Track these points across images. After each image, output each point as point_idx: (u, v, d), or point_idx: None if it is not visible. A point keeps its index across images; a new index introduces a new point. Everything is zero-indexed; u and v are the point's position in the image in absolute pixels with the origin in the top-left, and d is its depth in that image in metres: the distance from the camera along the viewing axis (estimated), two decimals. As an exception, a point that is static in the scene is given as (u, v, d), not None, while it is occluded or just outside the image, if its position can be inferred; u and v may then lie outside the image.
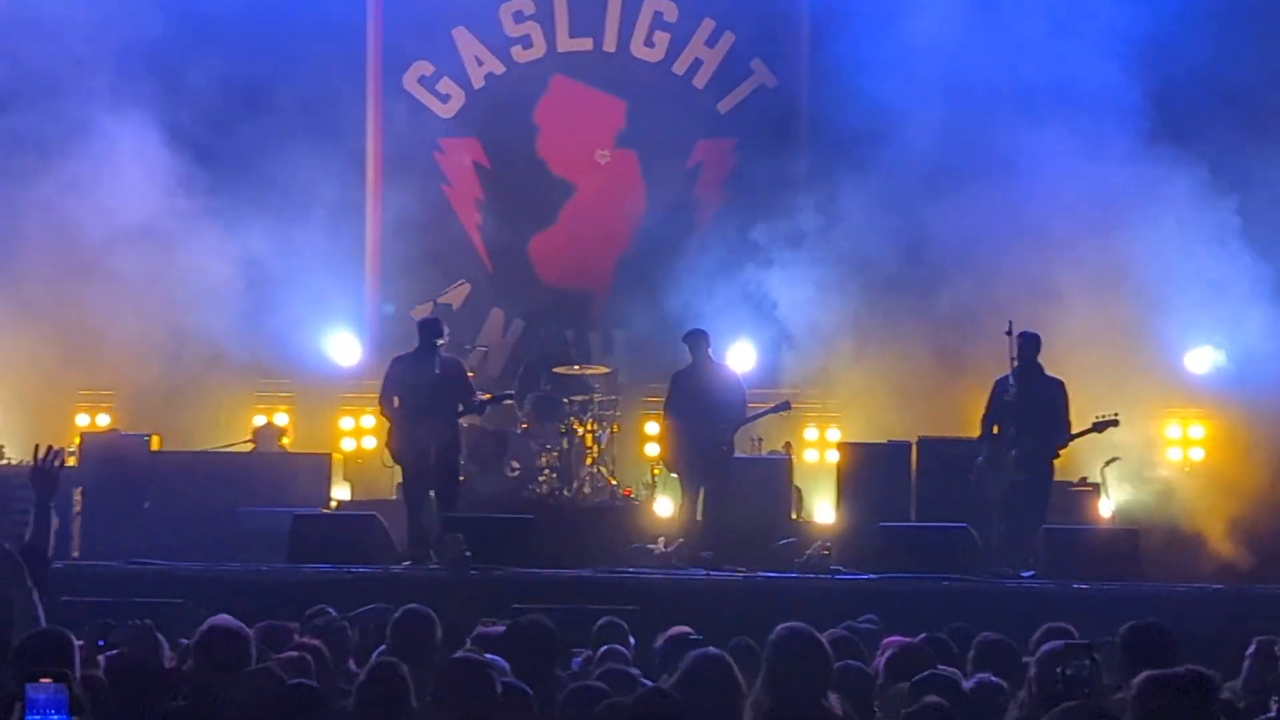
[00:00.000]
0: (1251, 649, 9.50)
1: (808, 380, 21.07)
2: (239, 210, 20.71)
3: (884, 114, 20.36)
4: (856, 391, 20.88)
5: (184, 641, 9.28)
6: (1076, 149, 20.02)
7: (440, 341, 17.55)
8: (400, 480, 18.15)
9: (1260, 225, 20.04)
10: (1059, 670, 7.57)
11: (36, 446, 8.94)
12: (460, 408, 17.58)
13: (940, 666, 8.64)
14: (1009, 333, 17.17)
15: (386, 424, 17.86)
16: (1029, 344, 17.25)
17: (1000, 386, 17.37)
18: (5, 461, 19.33)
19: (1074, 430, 17.25)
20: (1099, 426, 17.24)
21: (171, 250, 20.43)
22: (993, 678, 8.29)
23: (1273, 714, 7.74)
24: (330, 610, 11.48)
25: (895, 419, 20.11)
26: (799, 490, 20.12)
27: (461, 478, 18.21)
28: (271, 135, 21.26)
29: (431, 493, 17.50)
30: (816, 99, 22.21)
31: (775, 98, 22.81)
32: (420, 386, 17.32)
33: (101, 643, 9.03)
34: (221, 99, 21.34)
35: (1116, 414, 17.23)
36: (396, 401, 17.54)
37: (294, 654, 8.94)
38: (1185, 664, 6.64)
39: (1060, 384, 17.30)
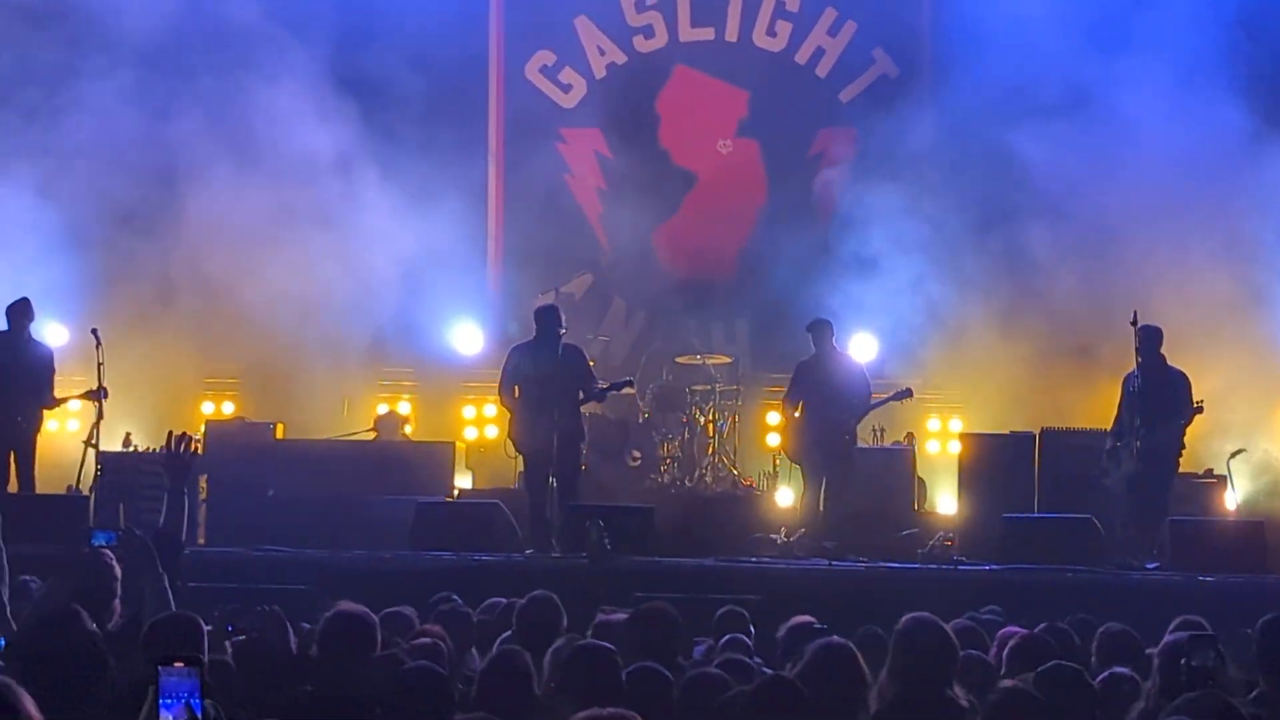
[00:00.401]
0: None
1: (930, 370, 20.97)
2: (363, 200, 20.83)
3: (1008, 102, 20.26)
4: (979, 382, 20.76)
5: (307, 627, 9.35)
6: (1204, 120, 19.87)
7: (561, 330, 17.56)
8: (522, 469, 18.19)
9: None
10: (1184, 661, 7.51)
11: (169, 434, 9.05)
12: (581, 395, 17.56)
13: (1060, 659, 8.57)
14: (1134, 323, 17.03)
15: (507, 413, 17.89)
16: (1151, 337, 17.12)
17: (1128, 381, 17.27)
18: (133, 448, 19.51)
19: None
20: None
21: (302, 240, 20.55)
22: (1123, 669, 8.22)
23: None
24: (454, 597, 11.55)
25: (1018, 410, 20.00)
26: (922, 481, 20.04)
27: (583, 467, 18.22)
28: (397, 125, 21.41)
29: (551, 480, 17.53)
30: (939, 88, 22.10)
31: (897, 87, 22.70)
32: (540, 375, 17.19)
33: (231, 628, 9.13)
34: (349, 90, 21.46)
35: (1200, 402, 17.02)
36: (516, 391, 17.47)
37: (425, 640, 8.99)
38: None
39: (1183, 376, 17.16)
